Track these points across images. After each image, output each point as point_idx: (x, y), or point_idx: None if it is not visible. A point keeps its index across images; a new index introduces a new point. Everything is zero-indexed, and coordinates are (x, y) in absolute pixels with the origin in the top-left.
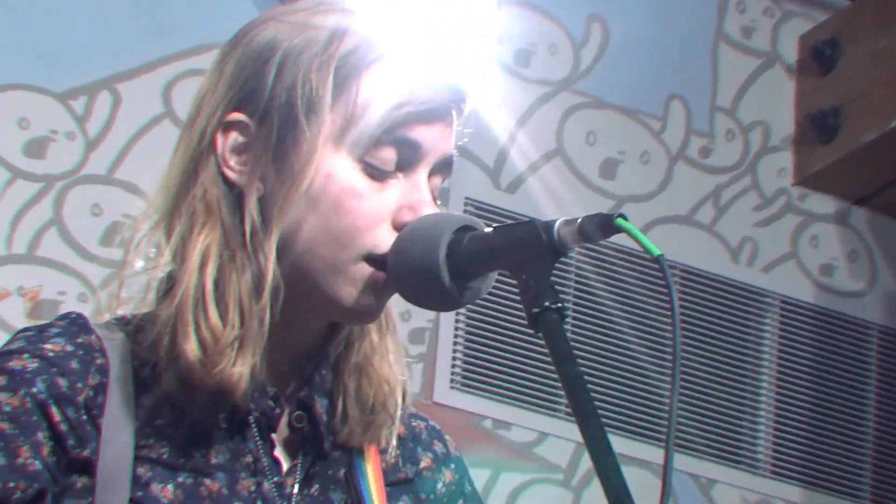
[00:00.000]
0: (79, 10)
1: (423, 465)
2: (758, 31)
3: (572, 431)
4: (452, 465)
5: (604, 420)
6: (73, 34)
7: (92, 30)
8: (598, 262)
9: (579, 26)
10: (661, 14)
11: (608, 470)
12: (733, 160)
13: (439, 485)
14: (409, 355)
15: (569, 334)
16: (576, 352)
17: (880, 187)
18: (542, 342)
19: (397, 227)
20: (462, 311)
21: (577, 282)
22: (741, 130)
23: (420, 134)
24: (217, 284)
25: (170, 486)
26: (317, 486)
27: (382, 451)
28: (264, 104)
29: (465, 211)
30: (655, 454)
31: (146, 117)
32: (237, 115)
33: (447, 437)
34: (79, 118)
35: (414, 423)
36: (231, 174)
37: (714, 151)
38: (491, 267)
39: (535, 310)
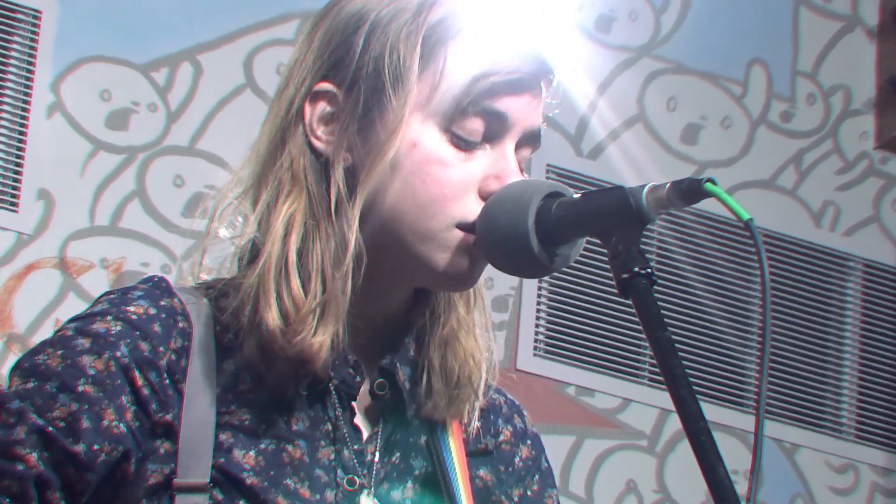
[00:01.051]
0: None
1: (502, 438)
2: None
3: (656, 397)
4: (529, 442)
5: None
6: (154, 5)
7: (173, 1)
8: (679, 230)
9: None
10: None
11: (699, 434)
12: (815, 124)
13: (517, 459)
14: (491, 323)
15: None
16: None
17: None
18: (625, 309)
19: (484, 196)
20: (544, 278)
21: (658, 249)
22: (822, 94)
23: (507, 104)
24: (300, 253)
25: (252, 453)
26: (398, 454)
27: (467, 423)
28: (352, 74)
29: (547, 178)
30: (736, 419)
31: (228, 88)
32: (325, 85)
33: (526, 413)
34: (160, 89)
35: (494, 397)
36: (318, 144)
37: (795, 116)
38: (579, 233)
39: (625, 275)
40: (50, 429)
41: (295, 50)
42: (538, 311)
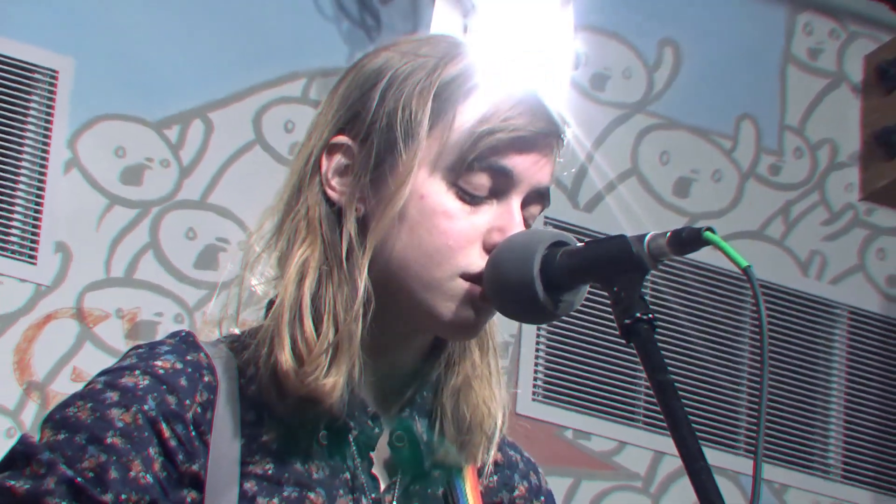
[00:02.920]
0: (172, 43)
1: (517, 493)
2: (824, 53)
3: (650, 440)
4: (543, 498)
5: None
6: (166, 65)
7: (185, 61)
8: (672, 279)
9: (652, 50)
10: (730, 37)
11: (700, 473)
12: (802, 177)
13: None
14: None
15: None
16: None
17: None
18: (621, 354)
19: (488, 248)
20: (542, 326)
21: (652, 297)
22: (809, 148)
23: (513, 161)
24: (314, 298)
25: (275, 501)
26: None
27: (480, 470)
28: (366, 127)
29: None
30: (728, 460)
31: (237, 144)
32: (341, 138)
33: (541, 470)
34: (173, 146)
35: (511, 453)
36: (333, 194)
37: (783, 169)
38: (583, 280)
39: (627, 321)
40: (79, 479)
41: (321, 105)
42: (537, 357)
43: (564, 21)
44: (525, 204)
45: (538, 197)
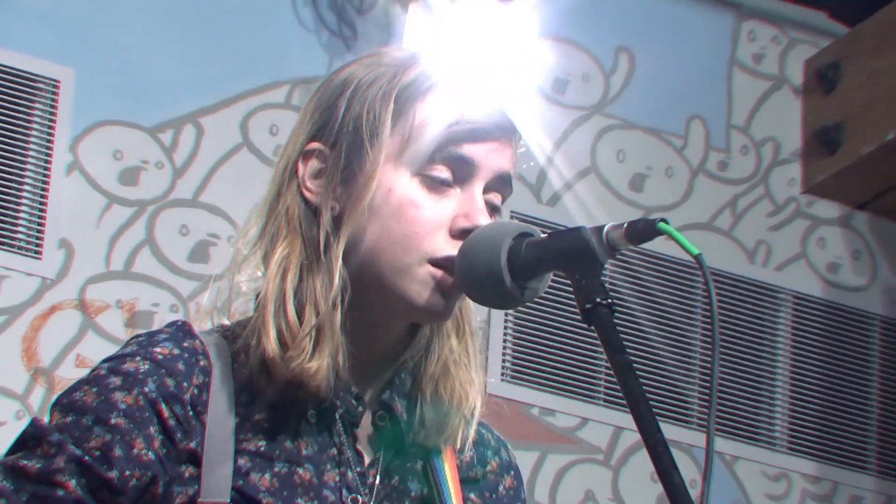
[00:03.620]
0: (165, 54)
1: (489, 468)
2: (767, 57)
3: (610, 416)
4: (512, 473)
5: None
6: (160, 75)
7: (177, 71)
8: (626, 268)
9: (609, 57)
10: (680, 44)
11: (656, 445)
12: (748, 172)
13: (501, 487)
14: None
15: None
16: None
17: (879, 193)
18: (582, 337)
19: (454, 233)
20: (510, 312)
21: (610, 285)
22: (754, 146)
23: (470, 150)
24: (296, 290)
25: (267, 476)
26: (396, 478)
27: (460, 450)
28: (336, 132)
29: None
30: (681, 434)
31: (226, 147)
32: (314, 144)
33: (510, 447)
34: (167, 149)
35: (483, 431)
36: (309, 195)
37: (730, 165)
38: (547, 269)
39: (588, 305)
40: (86, 458)
41: (297, 117)
42: (504, 340)
43: (528, 31)
44: (488, 190)
45: (500, 183)
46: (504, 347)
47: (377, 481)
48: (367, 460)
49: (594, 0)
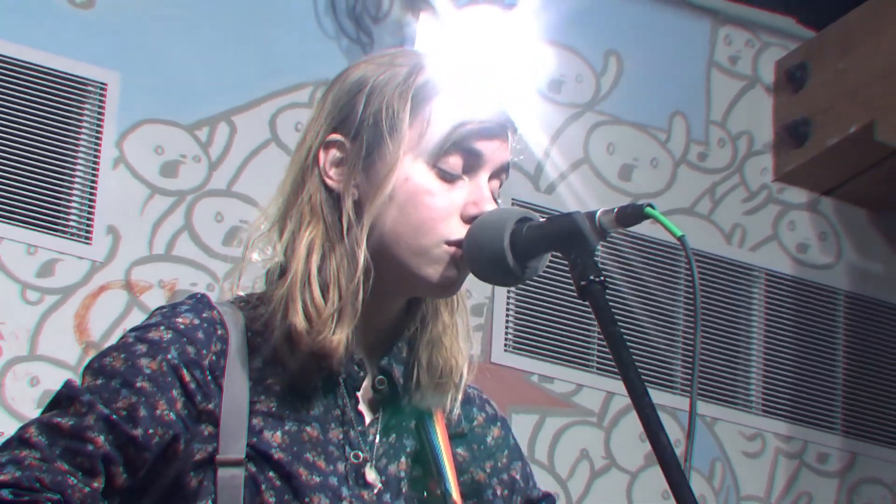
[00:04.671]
0: (201, 59)
1: (476, 423)
2: (742, 59)
3: (603, 382)
4: (499, 424)
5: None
6: (197, 78)
7: (212, 74)
8: (614, 250)
9: (599, 60)
10: (663, 48)
11: (644, 408)
12: (725, 163)
13: (489, 438)
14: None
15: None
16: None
17: (843, 181)
18: (578, 312)
19: (465, 218)
20: (512, 289)
21: (602, 263)
22: (731, 139)
23: (481, 146)
24: (320, 270)
25: (278, 433)
26: (394, 436)
27: (449, 412)
28: (356, 126)
29: None
30: (665, 398)
31: (256, 142)
32: (335, 136)
33: (494, 403)
34: (203, 144)
35: (469, 391)
36: (331, 182)
37: (709, 156)
38: (545, 249)
39: (583, 282)
40: (114, 417)
41: (312, 112)
42: (507, 314)
43: (527, 36)
44: (490, 178)
45: (501, 171)
46: (507, 321)
47: (376, 439)
48: (367, 420)
49: (586, 8)
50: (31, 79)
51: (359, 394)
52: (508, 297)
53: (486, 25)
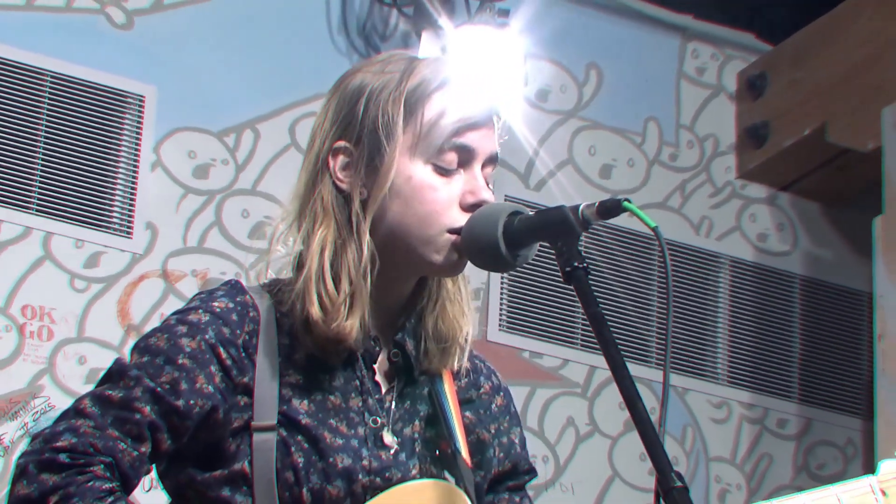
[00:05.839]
0: (228, 73)
1: (482, 390)
2: (707, 70)
3: (586, 358)
4: (502, 393)
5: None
6: (225, 90)
7: (238, 87)
8: (596, 240)
9: (581, 71)
10: (639, 61)
11: (623, 380)
12: (693, 162)
13: (493, 405)
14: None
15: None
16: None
17: (798, 178)
18: (564, 295)
19: (464, 207)
20: (505, 275)
21: (585, 252)
22: (698, 141)
23: (471, 139)
24: (332, 263)
25: (305, 401)
26: (408, 402)
27: (455, 375)
28: (357, 132)
29: None
30: (642, 371)
31: (278, 147)
32: (341, 143)
33: (499, 373)
34: (230, 149)
35: (477, 362)
36: (341, 184)
37: (679, 156)
38: (534, 239)
39: (568, 268)
40: (159, 389)
41: (316, 118)
42: (501, 297)
43: (518, 51)
44: (484, 167)
45: (491, 160)
46: (501, 303)
47: (393, 406)
48: (384, 389)
49: (569, 26)
50: (78, 92)
51: (376, 366)
52: (502, 282)
53: (481, 42)
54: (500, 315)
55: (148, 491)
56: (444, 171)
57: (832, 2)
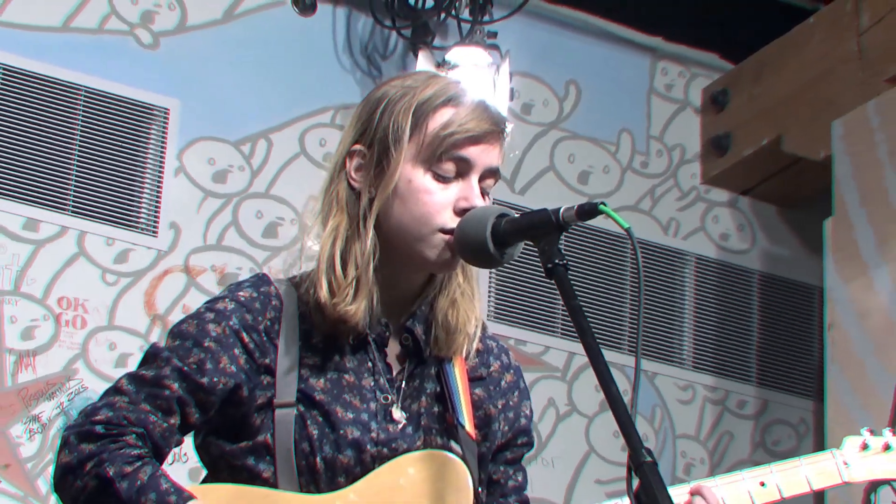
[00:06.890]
0: (244, 88)
1: (492, 368)
2: (675, 86)
3: (566, 345)
4: (512, 371)
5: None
6: (241, 103)
7: (253, 100)
8: (576, 239)
9: (561, 87)
10: (613, 78)
11: (599, 365)
12: (662, 169)
13: (503, 382)
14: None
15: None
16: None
17: (756, 183)
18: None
19: (457, 211)
20: (493, 270)
21: (565, 250)
22: (667, 150)
23: (470, 152)
24: (342, 252)
25: (321, 380)
26: (417, 381)
27: (466, 358)
28: (371, 137)
29: None
30: (615, 357)
31: (288, 155)
32: (357, 146)
33: (510, 353)
34: (246, 157)
35: (488, 342)
36: (354, 183)
37: (650, 164)
38: (520, 239)
39: (549, 265)
40: (186, 368)
41: (347, 122)
42: (489, 291)
43: (503, 69)
44: (482, 179)
45: (491, 173)
46: (489, 295)
47: (402, 384)
48: (395, 370)
49: (551, 46)
50: (110, 105)
51: (387, 349)
52: (490, 277)
53: (471, 61)
54: (489, 307)
55: (171, 464)
56: (441, 179)
57: (788, 25)
